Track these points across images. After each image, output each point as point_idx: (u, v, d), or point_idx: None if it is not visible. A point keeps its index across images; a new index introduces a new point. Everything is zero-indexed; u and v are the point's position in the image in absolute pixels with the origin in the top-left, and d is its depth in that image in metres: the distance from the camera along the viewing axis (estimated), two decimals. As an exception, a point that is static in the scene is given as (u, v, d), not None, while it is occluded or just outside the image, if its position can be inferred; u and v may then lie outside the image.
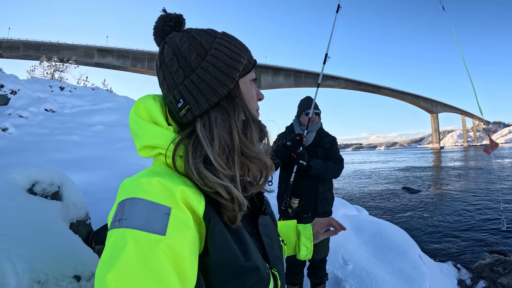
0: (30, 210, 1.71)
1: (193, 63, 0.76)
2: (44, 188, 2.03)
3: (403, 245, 4.92)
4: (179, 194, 0.65)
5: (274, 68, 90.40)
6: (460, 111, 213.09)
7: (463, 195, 15.42)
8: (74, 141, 9.55)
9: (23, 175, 1.91)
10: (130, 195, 0.64)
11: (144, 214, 0.60)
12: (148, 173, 0.68)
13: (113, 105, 14.53)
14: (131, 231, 0.58)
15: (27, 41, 66.18)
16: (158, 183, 0.64)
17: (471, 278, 5.40)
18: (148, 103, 0.79)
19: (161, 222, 0.60)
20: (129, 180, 0.68)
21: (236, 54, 0.79)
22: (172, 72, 0.77)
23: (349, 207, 6.91)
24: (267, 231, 0.90)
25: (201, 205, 0.67)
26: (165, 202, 0.63)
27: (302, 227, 1.31)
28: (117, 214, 0.62)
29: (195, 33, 0.80)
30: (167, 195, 0.64)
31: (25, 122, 11.01)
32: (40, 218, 1.69)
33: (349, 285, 3.87)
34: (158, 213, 0.61)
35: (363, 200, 15.74)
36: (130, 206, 0.62)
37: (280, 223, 1.31)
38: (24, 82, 14.74)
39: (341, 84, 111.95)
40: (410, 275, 4.14)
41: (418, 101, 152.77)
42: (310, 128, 3.32)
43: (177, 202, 0.64)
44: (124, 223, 0.59)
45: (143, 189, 0.64)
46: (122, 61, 74.75)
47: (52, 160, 7.53)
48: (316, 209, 3.23)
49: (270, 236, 0.90)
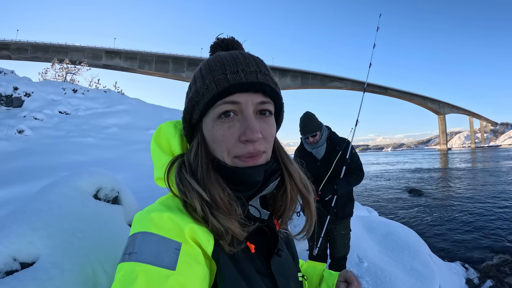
0: (101, 214, 1.90)
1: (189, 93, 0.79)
2: (107, 194, 2.21)
3: (413, 244, 5.10)
4: (188, 232, 0.64)
5: (281, 69, 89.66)
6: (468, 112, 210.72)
7: (471, 196, 15.38)
8: (90, 143, 9.63)
9: (89, 182, 2.08)
10: (141, 229, 0.63)
11: (155, 249, 0.60)
12: (159, 207, 0.68)
13: (126, 107, 14.61)
14: (141, 265, 0.58)
15: (36, 43, 66.23)
16: (169, 219, 0.64)
17: (478, 277, 5.53)
18: (169, 133, 0.80)
19: (171, 257, 0.60)
20: (140, 214, 0.68)
21: (197, 92, 0.75)
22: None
23: (360, 208, 7.09)
24: (283, 270, 0.83)
25: (210, 244, 0.66)
26: (176, 238, 0.62)
27: (327, 274, 1.13)
28: (128, 247, 0.62)
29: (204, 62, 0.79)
30: (177, 231, 0.63)
31: (40, 124, 11.10)
32: (109, 221, 1.89)
33: (365, 281, 4.07)
34: (168, 248, 0.60)
35: (372, 201, 15.76)
36: (140, 240, 0.61)
37: (308, 264, 1.21)
38: (37, 85, 14.78)
39: (348, 85, 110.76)
40: (421, 272, 4.34)
41: (425, 102, 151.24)
42: (317, 145, 3.44)
43: (186, 239, 0.63)
44: (135, 257, 0.59)
45: (154, 224, 0.63)
46: (130, 62, 74.71)
47: (70, 162, 7.70)
48: (336, 214, 3.42)
49: (286, 275, 0.84)
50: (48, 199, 1.73)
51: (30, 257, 1.45)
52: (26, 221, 1.52)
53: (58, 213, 1.65)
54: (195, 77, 0.77)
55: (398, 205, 14.46)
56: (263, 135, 0.73)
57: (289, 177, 0.83)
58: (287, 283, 0.83)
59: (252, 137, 0.69)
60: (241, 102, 0.71)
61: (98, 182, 2.17)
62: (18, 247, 1.43)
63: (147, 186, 4.92)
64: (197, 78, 0.76)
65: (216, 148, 0.73)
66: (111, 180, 2.27)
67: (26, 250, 1.44)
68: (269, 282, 0.77)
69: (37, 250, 1.46)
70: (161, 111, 15.70)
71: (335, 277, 1.08)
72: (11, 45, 64.54)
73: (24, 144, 9.17)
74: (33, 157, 7.94)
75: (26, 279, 1.33)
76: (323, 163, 3.41)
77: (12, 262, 1.41)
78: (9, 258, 1.40)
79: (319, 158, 3.44)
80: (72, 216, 1.70)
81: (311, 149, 3.46)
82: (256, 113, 0.74)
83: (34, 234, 1.49)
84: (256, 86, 0.72)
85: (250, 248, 0.75)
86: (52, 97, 14.13)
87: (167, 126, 0.82)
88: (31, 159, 7.70)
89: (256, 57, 0.78)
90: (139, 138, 10.64)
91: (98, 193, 2.18)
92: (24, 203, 1.71)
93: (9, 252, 1.41)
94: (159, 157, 0.79)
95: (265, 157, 0.76)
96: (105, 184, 2.22)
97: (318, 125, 3.40)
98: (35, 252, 1.45)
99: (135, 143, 9.92)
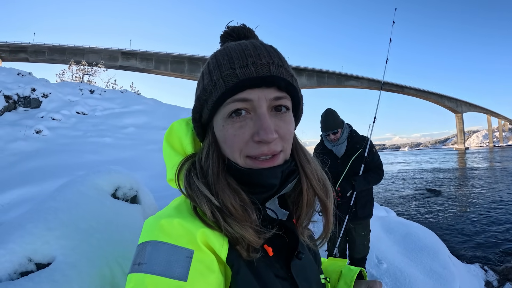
0: (120, 213, 1.88)
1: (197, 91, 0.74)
2: (125, 193, 2.19)
3: (433, 246, 5.00)
4: (200, 237, 0.61)
5: (297, 69, 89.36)
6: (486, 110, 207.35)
7: (490, 197, 15.14)
8: (107, 143, 9.74)
9: (107, 181, 2.05)
10: (150, 237, 0.60)
11: (165, 259, 0.57)
12: (170, 212, 0.65)
13: (143, 107, 14.75)
14: (150, 277, 0.55)
15: (52, 46, 67.27)
16: (179, 225, 0.61)
17: (497, 280, 5.43)
18: (181, 132, 0.76)
19: (183, 267, 0.57)
20: (149, 221, 0.65)
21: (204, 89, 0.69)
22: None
23: (378, 208, 6.99)
24: (305, 274, 0.79)
25: (224, 248, 0.63)
26: (188, 245, 0.59)
27: (347, 270, 1.04)
28: (137, 257, 0.60)
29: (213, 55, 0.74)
30: (189, 237, 0.60)
31: (58, 124, 11.25)
32: (128, 221, 1.87)
33: (384, 282, 3.99)
34: (179, 257, 0.57)
35: (390, 201, 15.64)
36: (150, 250, 0.58)
37: (329, 261, 1.11)
38: (55, 86, 15.04)
39: (364, 84, 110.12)
40: (441, 274, 4.24)
41: (442, 101, 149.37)
42: (338, 142, 3.41)
43: (198, 245, 0.60)
44: (144, 268, 0.57)
45: (163, 232, 0.60)
46: (145, 63, 75.52)
47: (87, 162, 7.77)
48: (355, 214, 3.37)
49: (308, 278, 0.79)
50: (65, 198, 1.70)
51: (46, 258, 1.42)
52: (42, 221, 1.50)
53: (75, 213, 1.62)
54: (203, 73, 0.72)
55: (416, 205, 14.30)
56: (280, 134, 0.67)
57: (305, 178, 0.77)
58: (309, 286, 0.78)
59: (266, 138, 0.63)
60: (253, 99, 0.65)
61: (116, 181, 2.15)
62: (34, 247, 1.41)
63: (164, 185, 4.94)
64: (204, 74, 0.71)
65: (227, 149, 0.68)
66: (130, 179, 2.24)
67: (41, 250, 1.42)
68: (290, 286, 0.72)
69: (53, 250, 1.43)
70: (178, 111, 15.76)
71: (354, 273, 1.00)
72: (28, 48, 65.71)
73: (42, 144, 9.29)
74: (51, 156, 8.04)
75: (42, 281, 1.30)
76: (343, 161, 3.36)
77: (27, 262, 1.39)
78: (24, 258, 1.38)
79: (339, 156, 3.41)
80: (89, 216, 1.67)
81: (332, 146, 3.43)
82: (271, 110, 0.68)
83: (50, 234, 1.46)
84: (268, 80, 0.65)
85: (267, 251, 0.69)
86: (70, 98, 14.32)
87: (179, 124, 0.78)
88: (48, 159, 7.80)
89: (269, 46, 0.71)
90: (156, 138, 10.69)
91: (117, 192, 2.15)
92: (40, 202, 1.68)
93: (24, 253, 1.39)
94: (170, 157, 0.75)
95: (283, 157, 0.70)
96: (123, 183, 2.19)
97: (339, 122, 3.36)
98: (51, 253, 1.43)
99: (152, 143, 9.98)
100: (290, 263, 0.74)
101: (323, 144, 3.54)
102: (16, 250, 1.38)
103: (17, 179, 6.19)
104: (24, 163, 7.47)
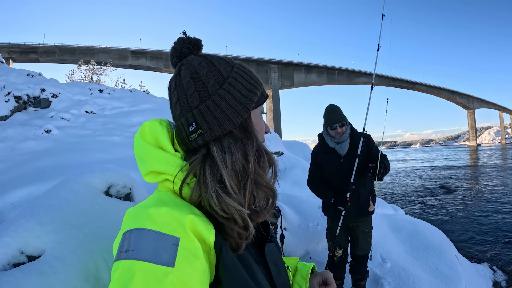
0: (111, 210, 1.92)
1: (210, 89, 0.76)
2: (118, 190, 2.23)
3: (439, 245, 4.96)
4: (189, 223, 0.63)
5: (307, 65, 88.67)
6: (498, 106, 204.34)
7: (501, 195, 14.97)
8: (116, 141, 9.78)
9: (100, 179, 2.09)
10: (137, 225, 0.62)
11: (152, 245, 0.58)
12: (155, 202, 0.67)
13: (151, 106, 14.79)
14: (138, 263, 0.57)
15: (63, 46, 67.60)
16: (166, 213, 0.63)
17: (506, 280, 5.38)
18: (155, 128, 0.78)
19: (170, 254, 0.58)
20: (134, 210, 0.67)
21: (252, 85, 0.80)
22: (187, 95, 0.77)
23: (385, 206, 6.95)
24: (273, 258, 0.87)
25: (212, 233, 0.66)
26: (174, 233, 0.61)
27: (301, 265, 1.14)
28: (124, 244, 0.61)
29: (215, 60, 0.80)
30: (175, 225, 0.62)
31: (67, 124, 11.34)
32: (119, 218, 1.89)
33: (387, 282, 3.96)
34: (166, 244, 0.59)
35: (399, 199, 15.56)
36: (137, 237, 0.60)
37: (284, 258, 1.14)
38: (64, 86, 15.14)
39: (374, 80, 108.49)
40: (447, 274, 4.20)
41: (454, 97, 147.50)
42: (341, 139, 3.32)
43: (186, 232, 0.62)
44: (131, 255, 0.58)
45: (150, 219, 0.62)
46: (155, 62, 75.55)
47: (96, 160, 7.84)
48: (360, 211, 3.35)
49: (276, 263, 0.88)
50: (57, 195, 1.76)
51: (36, 251, 1.49)
52: (34, 216, 1.56)
53: (66, 209, 1.68)
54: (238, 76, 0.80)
55: (426, 203, 14.21)
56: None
57: None
58: (278, 271, 0.87)
59: (268, 131, 0.90)
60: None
61: (109, 179, 2.19)
62: (26, 240, 1.48)
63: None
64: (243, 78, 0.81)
65: (260, 136, 0.85)
66: (123, 177, 2.28)
67: (33, 244, 1.49)
68: (263, 269, 0.80)
69: (43, 244, 1.50)
70: (185, 109, 15.74)
71: (309, 268, 1.11)
72: (39, 48, 66.11)
73: (51, 144, 9.36)
74: (60, 155, 8.10)
75: (31, 272, 1.37)
76: (347, 160, 3.30)
77: (20, 255, 1.47)
78: (16, 251, 1.46)
79: (342, 154, 3.33)
80: (80, 212, 1.72)
81: (335, 144, 3.34)
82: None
83: (41, 229, 1.53)
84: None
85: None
86: (79, 97, 14.40)
87: (152, 122, 0.80)
88: (58, 158, 7.87)
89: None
90: (164, 137, 10.73)
91: (110, 189, 2.19)
92: (34, 199, 1.73)
93: (17, 246, 1.47)
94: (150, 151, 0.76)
95: None
96: (116, 181, 2.23)
97: (345, 116, 3.33)
98: (41, 246, 1.50)
99: (160, 141, 10.01)
100: (264, 247, 0.85)
101: (323, 143, 3.45)
102: (9, 243, 1.45)
103: (27, 178, 6.27)
104: (34, 162, 7.55)
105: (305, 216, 5.11)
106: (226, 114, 0.74)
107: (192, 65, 0.79)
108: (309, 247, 4.73)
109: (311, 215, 5.13)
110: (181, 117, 0.78)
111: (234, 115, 0.75)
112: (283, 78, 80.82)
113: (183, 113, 0.77)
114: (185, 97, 0.77)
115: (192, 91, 0.76)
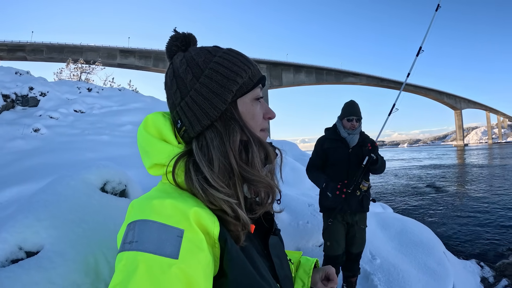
0: (107, 206, 1.93)
1: (188, 85, 0.75)
2: (114, 187, 2.24)
3: (428, 242, 5.02)
4: (193, 215, 0.63)
5: (296, 65, 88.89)
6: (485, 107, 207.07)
7: (488, 193, 15.18)
8: (105, 141, 9.70)
9: (96, 175, 2.10)
10: (141, 216, 0.62)
11: (156, 237, 0.58)
12: (159, 194, 0.67)
13: (140, 105, 14.69)
14: (142, 254, 0.57)
15: (51, 44, 66.79)
16: (171, 205, 0.63)
17: (494, 276, 5.45)
18: (158, 120, 0.78)
19: (174, 245, 0.58)
20: (139, 201, 0.67)
21: (233, 73, 0.76)
22: (172, 93, 0.78)
23: (374, 204, 6.99)
24: (276, 251, 0.86)
25: (216, 225, 0.66)
26: (178, 224, 0.61)
27: (304, 260, 1.15)
28: (128, 236, 0.61)
29: (195, 53, 0.79)
30: (180, 217, 0.62)
31: (56, 123, 11.21)
32: (115, 213, 1.92)
33: (377, 278, 4.00)
34: (170, 236, 0.59)
35: (387, 198, 15.68)
36: (141, 228, 0.60)
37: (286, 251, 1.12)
38: (52, 84, 14.96)
39: (362, 80, 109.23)
40: (435, 270, 4.26)
41: (441, 97, 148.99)
42: (354, 132, 3.44)
43: (190, 224, 0.62)
44: (135, 246, 0.58)
45: (155, 211, 0.62)
46: (144, 61, 75.08)
47: (85, 159, 7.76)
48: (362, 205, 3.40)
49: (279, 255, 0.87)
50: (55, 191, 1.76)
51: (35, 246, 1.49)
52: (32, 212, 1.55)
53: (64, 205, 1.68)
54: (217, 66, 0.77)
55: (413, 201, 14.35)
56: None
57: None
58: (281, 264, 0.86)
59: (273, 116, 0.85)
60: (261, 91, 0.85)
61: (105, 176, 2.20)
62: (24, 236, 1.48)
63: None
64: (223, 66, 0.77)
65: (253, 124, 0.80)
66: (119, 174, 2.30)
67: (31, 239, 1.48)
68: (266, 262, 0.80)
69: (41, 239, 1.49)
70: (175, 109, 15.69)
71: (312, 262, 1.13)
72: (26, 46, 65.26)
73: (40, 143, 9.26)
74: (49, 155, 8.01)
75: (30, 267, 1.36)
76: (354, 152, 3.41)
77: (18, 251, 1.46)
78: (15, 247, 1.45)
79: (351, 146, 3.44)
80: (77, 208, 1.72)
81: (347, 134, 3.45)
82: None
83: (39, 224, 1.52)
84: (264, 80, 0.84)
85: (251, 228, 0.74)
86: (67, 96, 14.26)
87: (155, 114, 0.80)
88: (46, 157, 7.79)
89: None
90: (154, 135, 10.67)
91: (105, 186, 2.20)
92: (31, 195, 1.73)
93: (15, 241, 1.46)
94: (154, 144, 0.76)
95: None
96: (112, 177, 2.24)
97: (361, 114, 3.49)
98: (39, 242, 1.49)
99: (150, 140, 9.94)
100: (268, 240, 0.84)
101: (335, 131, 3.55)
102: (8, 239, 1.45)
103: (16, 177, 6.20)
104: (22, 161, 7.46)
105: (295, 214, 5.13)
106: (203, 108, 0.73)
107: (175, 63, 0.80)
108: (299, 245, 4.76)
109: (301, 213, 5.16)
110: (171, 115, 0.80)
111: (211, 108, 0.74)
112: (272, 78, 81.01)
113: (171, 111, 0.80)
114: (171, 96, 0.78)
115: (175, 89, 0.77)
